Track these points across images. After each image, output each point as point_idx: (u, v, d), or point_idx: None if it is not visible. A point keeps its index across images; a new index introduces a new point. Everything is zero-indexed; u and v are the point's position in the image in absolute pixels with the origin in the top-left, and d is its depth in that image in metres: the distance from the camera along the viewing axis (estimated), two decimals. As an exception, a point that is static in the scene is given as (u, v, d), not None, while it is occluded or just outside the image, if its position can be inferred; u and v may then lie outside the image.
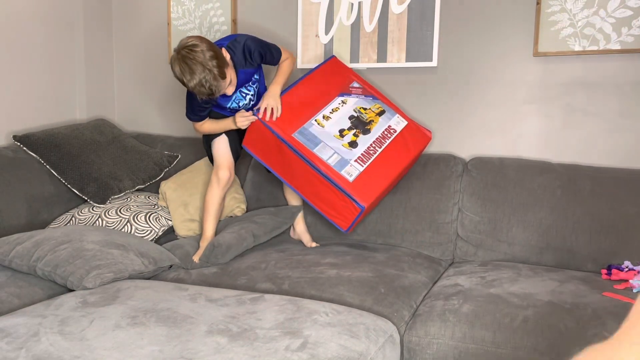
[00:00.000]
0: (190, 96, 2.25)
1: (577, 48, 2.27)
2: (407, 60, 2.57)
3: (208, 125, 2.37)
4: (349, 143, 2.28)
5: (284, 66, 2.35)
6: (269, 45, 2.29)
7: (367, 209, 2.22)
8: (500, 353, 1.64)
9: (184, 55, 2.03)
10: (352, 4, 2.62)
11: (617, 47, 2.21)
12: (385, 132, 2.35)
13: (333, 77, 2.44)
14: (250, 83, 2.31)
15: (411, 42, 2.55)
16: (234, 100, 2.29)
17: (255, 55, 2.22)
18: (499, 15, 2.42)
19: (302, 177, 2.24)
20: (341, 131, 2.31)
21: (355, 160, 2.24)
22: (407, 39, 2.56)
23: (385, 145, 2.32)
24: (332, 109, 2.35)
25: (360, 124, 2.34)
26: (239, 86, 2.25)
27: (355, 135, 2.31)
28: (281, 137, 2.21)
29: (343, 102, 2.39)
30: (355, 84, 2.46)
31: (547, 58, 2.34)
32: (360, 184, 2.20)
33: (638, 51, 2.18)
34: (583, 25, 2.25)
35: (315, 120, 2.29)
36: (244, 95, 2.32)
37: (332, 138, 2.27)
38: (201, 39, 2.06)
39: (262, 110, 2.21)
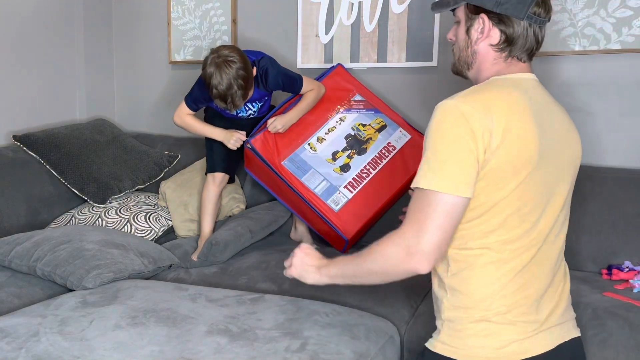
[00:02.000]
0: (200, 86, 2.27)
1: (577, 48, 2.27)
2: (407, 60, 2.57)
3: (191, 121, 2.39)
4: (340, 167, 2.28)
5: (308, 96, 2.34)
6: (289, 75, 2.30)
7: (363, 229, 2.27)
8: (501, 353, 1.64)
9: (219, 63, 2.08)
10: (352, 4, 2.62)
11: (617, 47, 2.20)
12: (383, 151, 2.33)
13: (335, 91, 2.42)
14: (258, 101, 2.35)
15: (411, 42, 2.55)
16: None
17: (269, 84, 2.25)
18: (499, 15, 2.42)
19: (295, 203, 2.30)
20: (334, 154, 2.30)
21: (345, 187, 2.25)
22: (407, 39, 2.55)
23: (381, 165, 2.30)
24: (329, 129, 2.34)
25: (356, 144, 2.33)
26: (248, 102, 2.30)
27: (349, 157, 2.30)
28: (270, 166, 2.25)
29: (341, 119, 2.37)
30: (358, 97, 2.43)
31: (547, 58, 2.34)
32: (346, 213, 2.23)
33: (638, 51, 2.18)
34: (583, 25, 2.25)
35: (309, 144, 2.30)
36: (247, 109, 2.36)
37: (323, 163, 2.28)
38: (240, 55, 2.12)
39: (269, 124, 2.26)
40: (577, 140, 1.38)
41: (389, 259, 1.25)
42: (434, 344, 1.31)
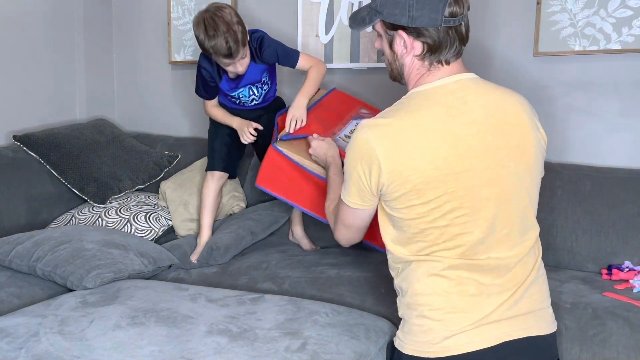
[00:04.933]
0: (200, 73, 2.26)
1: (577, 48, 2.27)
2: (407, 60, 2.56)
3: (216, 112, 2.37)
4: None
5: (311, 73, 2.25)
6: (285, 47, 2.26)
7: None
8: (501, 353, 1.64)
9: (212, 13, 2.05)
10: (352, 4, 2.62)
11: (618, 47, 2.20)
12: None
13: (341, 105, 2.37)
14: (260, 84, 2.29)
15: (411, 42, 2.54)
16: (240, 91, 2.27)
17: (265, 53, 2.20)
18: (499, 15, 2.42)
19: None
20: None
21: None
22: (407, 39, 2.55)
23: None
24: (351, 130, 2.22)
25: None
26: (248, 80, 2.23)
27: None
28: (302, 165, 2.06)
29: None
30: (364, 110, 2.38)
31: (547, 58, 2.34)
32: None
33: (638, 51, 2.18)
34: (583, 25, 2.25)
35: (340, 137, 2.17)
36: (251, 93, 2.30)
37: None
38: (229, 5, 2.13)
39: (287, 122, 2.11)
40: (525, 130, 1.38)
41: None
42: (395, 340, 1.44)
